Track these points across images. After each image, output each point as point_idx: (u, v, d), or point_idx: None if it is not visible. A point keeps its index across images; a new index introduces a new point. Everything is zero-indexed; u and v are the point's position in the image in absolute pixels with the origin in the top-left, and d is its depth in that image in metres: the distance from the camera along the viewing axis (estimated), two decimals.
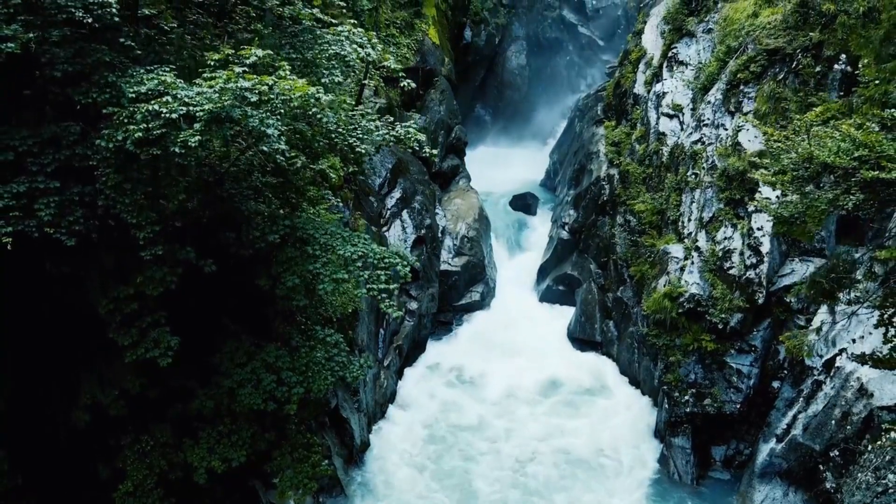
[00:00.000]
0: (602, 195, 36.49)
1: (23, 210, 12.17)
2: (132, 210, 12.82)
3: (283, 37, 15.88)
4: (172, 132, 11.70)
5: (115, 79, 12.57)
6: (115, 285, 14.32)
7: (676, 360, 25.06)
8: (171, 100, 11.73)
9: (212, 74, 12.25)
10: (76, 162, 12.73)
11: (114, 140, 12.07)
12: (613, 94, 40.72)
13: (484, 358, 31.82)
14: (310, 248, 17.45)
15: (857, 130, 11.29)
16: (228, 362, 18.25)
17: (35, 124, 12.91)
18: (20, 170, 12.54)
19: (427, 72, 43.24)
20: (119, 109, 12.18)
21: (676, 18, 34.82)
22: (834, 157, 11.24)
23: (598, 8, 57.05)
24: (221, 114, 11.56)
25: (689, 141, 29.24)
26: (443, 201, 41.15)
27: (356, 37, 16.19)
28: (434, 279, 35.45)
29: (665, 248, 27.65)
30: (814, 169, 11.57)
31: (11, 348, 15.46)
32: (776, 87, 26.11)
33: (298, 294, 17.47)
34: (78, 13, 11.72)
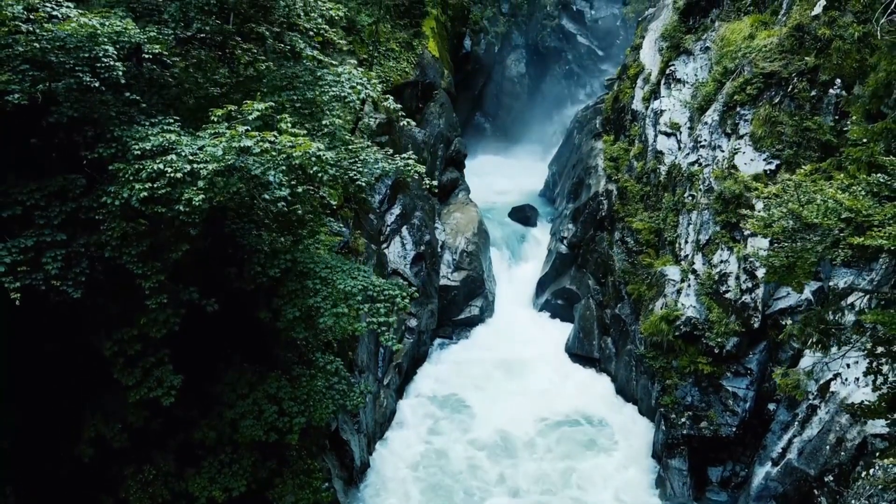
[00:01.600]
0: (600, 210, 36.75)
1: (30, 264, 12.44)
2: (137, 261, 13.10)
3: (283, 77, 16.12)
4: (177, 190, 11.96)
5: (120, 133, 12.83)
6: (119, 327, 14.57)
7: (673, 384, 25.33)
8: (175, 158, 11.99)
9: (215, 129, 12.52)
10: (82, 214, 13.00)
11: (119, 197, 12.33)
12: (612, 109, 40.95)
13: (481, 379, 31.83)
14: (310, 281, 17.72)
15: (843, 193, 11.55)
16: (230, 393, 18.54)
17: (42, 173, 13.16)
18: (27, 222, 12.80)
19: (426, 85, 43.44)
20: (125, 166, 12.44)
21: (674, 36, 35.04)
22: (822, 217, 11.51)
23: (596, 18, 57.32)
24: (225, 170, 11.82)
25: (686, 162, 29.50)
26: (442, 215, 41.37)
27: (355, 77, 16.42)
28: (433, 295, 35.70)
29: (662, 269, 27.91)
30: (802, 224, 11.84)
31: (17, 386, 15.72)
32: (772, 110, 26.33)
33: (299, 327, 17.73)
34: (86, 77, 11.98)
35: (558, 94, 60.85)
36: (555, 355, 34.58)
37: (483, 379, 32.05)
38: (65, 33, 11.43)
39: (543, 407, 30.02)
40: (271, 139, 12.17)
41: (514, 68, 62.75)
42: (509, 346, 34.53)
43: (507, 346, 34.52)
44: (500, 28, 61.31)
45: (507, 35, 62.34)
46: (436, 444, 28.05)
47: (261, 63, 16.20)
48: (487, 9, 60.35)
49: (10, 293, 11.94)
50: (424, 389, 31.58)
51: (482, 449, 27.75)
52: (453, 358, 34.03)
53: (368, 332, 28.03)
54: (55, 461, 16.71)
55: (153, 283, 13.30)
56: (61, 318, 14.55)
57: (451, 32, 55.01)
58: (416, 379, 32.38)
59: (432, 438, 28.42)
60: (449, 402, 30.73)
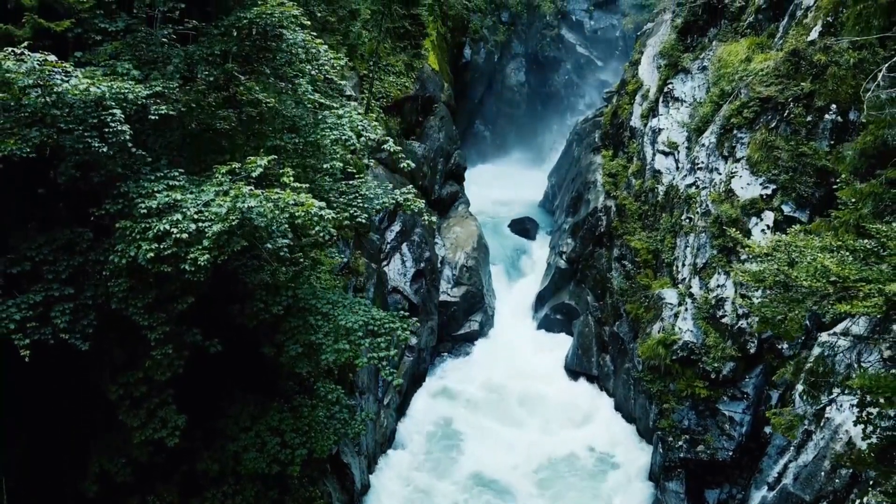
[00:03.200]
0: (599, 226, 37.01)
1: (39, 319, 12.71)
2: (143, 312, 13.37)
3: (286, 120, 16.37)
4: (183, 250, 12.22)
5: (126, 188, 13.09)
6: (125, 370, 14.83)
7: (671, 407, 25.60)
8: (181, 218, 12.26)
9: (220, 181, 12.79)
10: (89, 267, 13.27)
11: (126, 256, 12.60)
12: (611, 124, 41.18)
13: (480, 402, 31.90)
14: (312, 317, 17.99)
15: (832, 255, 11.81)
16: (233, 426, 18.84)
17: (49, 223, 13.42)
18: (36, 276, 13.06)
19: (426, 99, 43.71)
20: (131, 224, 12.70)
21: (672, 54, 35.28)
22: (811, 280, 11.76)
23: (595, 29, 57.53)
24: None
25: (684, 184, 29.74)
26: (442, 229, 41.62)
27: (356, 120, 16.67)
28: (433, 311, 35.96)
29: (660, 292, 28.16)
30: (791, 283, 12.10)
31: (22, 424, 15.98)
32: (768, 135, 26.56)
33: (301, 362, 18.00)
34: (94, 143, 12.23)
35: (558, 104, 61.11)
36: (554, 372, 34.85)
37: (481, 402, 32.14)
38: (74, 98, 11.68)
39: (541, 428, 30.25)
40: (275, 197, 12.43)
41: (514, 77, 63.02)
42: (508, 364, 34.76)
43: (507, 364, 34.74)
44: (500, 37, 61.57)
45: (507, 44, 62.61)
46: (423, 483, 27.91)
47: (263, 105, 16.42)
48: (487, 18, 60.63)
49: (21, 350, 12.22)
50: (423, 414, 31.61)
51: (480, 483, 27.79)
52: (453, 377, 34.26)
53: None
54: (60, 498, 16.96)
55: (159, 334, 13.59)
56: (67, 360, 14.80)
57: (451, 43, 55.30)
58: (415, 398, 32.63)
59: (425, 472, 28.42)
60: (447, 433, 30.51)
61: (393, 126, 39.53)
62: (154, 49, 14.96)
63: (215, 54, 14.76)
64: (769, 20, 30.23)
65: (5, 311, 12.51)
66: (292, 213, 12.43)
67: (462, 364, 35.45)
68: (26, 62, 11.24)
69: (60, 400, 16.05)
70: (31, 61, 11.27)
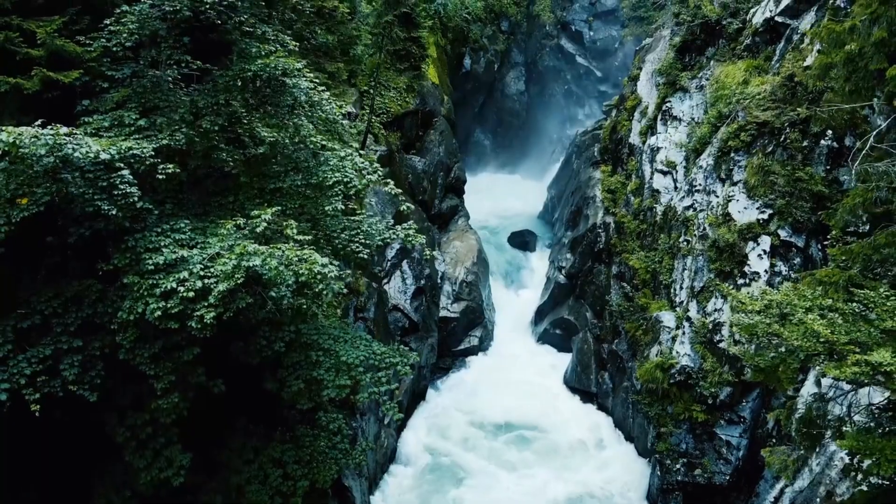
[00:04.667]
0: (598, 243, 37.30)
1: (48, 372, 13.00)
2: (150, 362, 13.67)
3: (288, 163, 16.66)
4: (189, 307, 12.52)
5: (133, 242, 13.38)
6: (131, 412, 15.12)
7: (668, 431, 25.89)
8: (187, 276, 12.54)
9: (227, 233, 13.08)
10: (97, 319, 13.56)
11: (134, 312, 12.88)
12: (610, 139, 41.47)
13: (477, 429, 31.78)
14: (313, 353, 18.25)
15: (822, 319, 12.10)
16: (236, 458, 19.12)
17: (57, 273, 13.72)
18: (45, 329, 13.36)
19: (426, 113, 43.95)
20: (139, 280, 12.99)
21: (670, 73, 35.56)
22: (801, 339, 12.05)
23: (595, 40, 57.79)
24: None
25: (682, 206, 30.02)
26: (442, 244, 41.88)
27: (358, 162, 16.96)
28: (433, 328, 36.22)
29: (658, 315, 28.45)
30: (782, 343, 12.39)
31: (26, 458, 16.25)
32: (765, 159, 26.83)
33: (303, 398, 18.27)
34: (104, 206, 12.50)
35: (557, 113, 61.41)
36: (553, 389, 35.10)
37: (478, 428, 32.03)
38: (84, 162, 11.96)
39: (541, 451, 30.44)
40: (279, 254, 12.71)
41: (514, 86, 63.29)
42: (508, 381, 34.93)
43: (506, 381, 34.91)
44: (500, 46, 61.82)
45: (507, 53, 62.88)
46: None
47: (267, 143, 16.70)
48: (487, 27, 60.88)
49: (31, 405, 12.53)
50: (423, 432, 31.82)
51: None
52: (452, 396, 34.38)
53: None
54: None
55: (165, 383, 13.89)
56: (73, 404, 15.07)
57: (451, 54, 55.62)
58: (416, 415, 32.89)
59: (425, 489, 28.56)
60: (442, 466, 30.11)
61: (393, 141, 39.78)
62: (160, 96, 15.23)
63: (220, 104, 15.03)
64: (766, 43, 30.49)
65: (16, 367, 12.81)
66: (296, 271, 12.71)
67: (462, 381, 35.65)
68: (40, 140, 11.49)
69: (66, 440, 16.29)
70: (44, 138, 11.53)
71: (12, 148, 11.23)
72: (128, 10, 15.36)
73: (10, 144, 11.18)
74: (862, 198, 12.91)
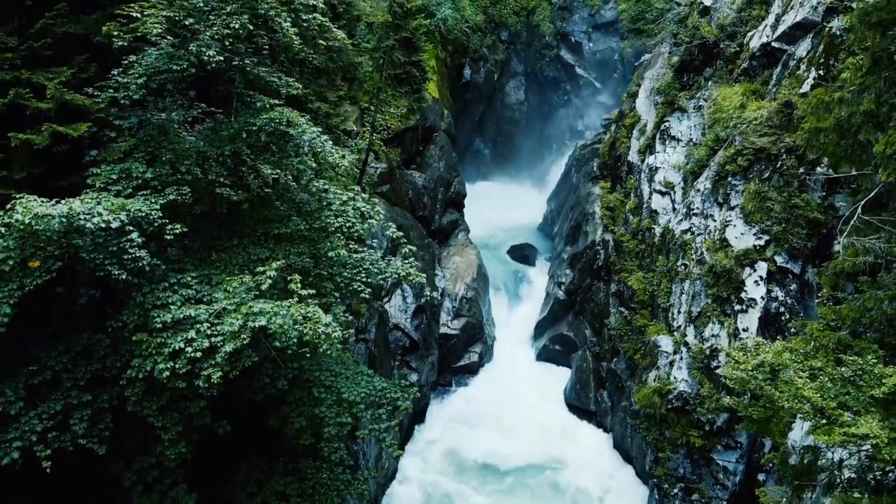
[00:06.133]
0: (597, 260, 37.60)
1: (59, 427, 13.33)
2: (157, 414, 14.00)
3: (291, 206, 16.97)
4: (197, 366, 12.84)
5: (142, 298, 13.69)
6: (138, 456, 15.44)
7: (666, 456, 26.23)
8: (195, 335, 12.86)
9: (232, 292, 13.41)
10: (106, 372, 13.89)
11: (143, 370, 13.21)
12: (609, 155, 41.76)
13: (475, 452, 31.96)
14: (315, 390, 18.54)
15: (815, 378, 12.41)
16: (240, 492, 19.42)
17: (67, 325, 14.03)
18: (55, 383, 13.68)
19: (426, 129, 44.21)
20: (148, 338, 13.31)
21: (669, 92, 35.84)
22: (792, 402, 12.36)
23: (594, 51, 58.01)
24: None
25: (680, 229, 30.32)
26: (442, 259, 42.16)
27: (360, 207, 17.28)
28: (433, 346, 36.51)
29: (656, 339, 28.76)
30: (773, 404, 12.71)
31: None
32: (761, 185, 27.14)
33: (305, 434, 18.58)
34: (114, 269, 12.82)
35: (557, 123, 61.65)
36: (552, 407, 35.40)
37: (477, 463, 31.99)
38: (94, 227, 12.25)
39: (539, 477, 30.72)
40: (284, 312, 13.01)
41: (514, 95, 63.56)
42: (507, 399, 35.18)
43: (506, 399, 35.17)
44: (500, 56, 62.06)
45: (507, 62, 63.14)
46: None
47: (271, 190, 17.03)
48: (487, 37, 61.13)
49: (42, 461, 12.85)
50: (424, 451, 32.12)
51: None
52: (451, 415, 34.64)
53: None
54: None
55: (172, 434, 14.20)
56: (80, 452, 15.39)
57: (451, 65, 55.87)
58: (416, 433, 33.22)
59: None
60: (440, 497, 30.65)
61: (393, 157, 40.09)
62: (167, 146, 15.53)
63: (225, 155, 15.34)
64: (763, 67, 30.76)
65: (28, 424, 13.14)
66: (301, 330, 13.02)
67: (462, 401, 35.92)
68: (55, 219, 11.80)
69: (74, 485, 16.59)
70: (59, 219, 11.83)
71: (28, 228, 11.54)
72: (135, 60, 15.65)
73: (26, 225, 11.50)
74: (849, 269, 13.22)
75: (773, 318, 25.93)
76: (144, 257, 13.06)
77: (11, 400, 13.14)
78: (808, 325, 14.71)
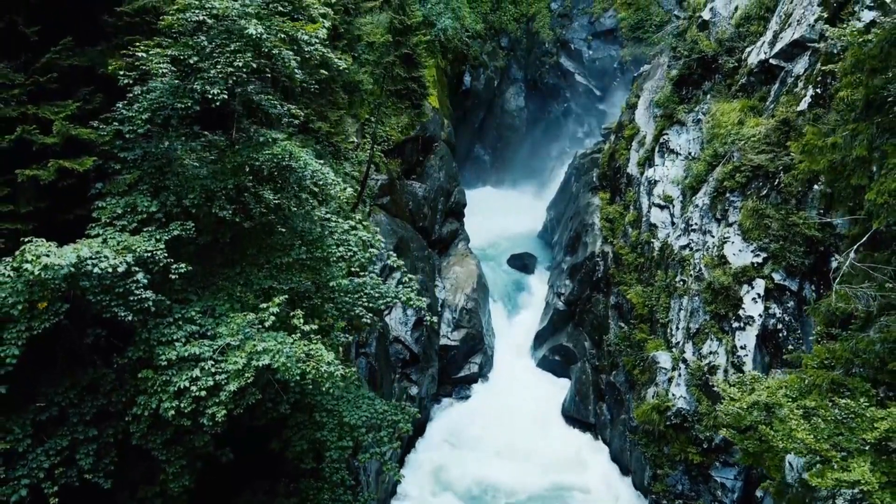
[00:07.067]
0: (596, 271, 37.83)
1: (65, 463, 13.55)
2: (162, 447, 14.22)
3: (294, 236, 17.18)
4: (201, 404, 13.06)
5: (147, 334, 13.92)
6: (143, 485, 15.66)
7: (664, 473, 26.45)
8: (199, 374, 13.08)
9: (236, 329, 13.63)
10: (111, 407, 14.11)
11: (148, 408, 13.43)
12: (608, 166, 41.97)
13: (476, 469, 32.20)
14: (317, 414, 18.78)
15: (806, 423, 12.63)
16: None
17: (74, 359, 14.25)
18: (61, 418, 13.90)
19: (427, 139, 44.46)
20: (153, 376, 13.53)
21: (668, 105, 35.99)
22: (786, 442, 12.58)
23: (594, 59, 58.19)
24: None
25: (678, 244, 30.53)
26: (442, 269, 42.37)
27: (362, 236, 17.51)
28: (434, 358, 36.73)
29: (654, 355, 28.97)
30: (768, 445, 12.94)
31: None
32: (759, 203, 27.32)
33: (307, 458, 18.81)
34: (120, 311, 13.05)
35: (557, 130, 61.87)
36: (552, 419, 35.62)
37: (475, 475, 32.16)
38: (101, 271, 12.46)
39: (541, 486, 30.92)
40: (287, 350, 13.24)
41: (514, 101, 63.83)
42: (507, 412, 35.34)
43: (505, 412, 35.34)
44: (500, 62, 62.35)
45: (507, 69, 63.42)
46: None
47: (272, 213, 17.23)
48: (487, 43, 61.40)
49: (50, 498, 13.07)
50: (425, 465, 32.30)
51: None
52: (452, 429, 34.83)
53: None
54: None
55: (177, 468, 14.43)
56: None
57: (451, 73, 56.11)
58: (416, 447, 33.41)
59: None
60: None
61: (394, 168, 40.32)
62: (171, 178, 15.74)
63: (229, 188, 15.55)
64: (761, 83, 30.93)
65: (35, 460, 13.37)
66: (303, 369, 13.25)
67: (461, 415, 36.06)
68: (63, 269, 12.00)
69: None
70: (67, 263, 12.03)
71: (37, 278, 11.77)
72: (140, 93, 15.86)
73: (35, 276, 11.72)
74: (841, 312, 13.44)
75: (770, 334, 26.12)
76: (150, 297, 13.28)
77: (19, 437, 13.36)
78: (804, 359, 14.93)
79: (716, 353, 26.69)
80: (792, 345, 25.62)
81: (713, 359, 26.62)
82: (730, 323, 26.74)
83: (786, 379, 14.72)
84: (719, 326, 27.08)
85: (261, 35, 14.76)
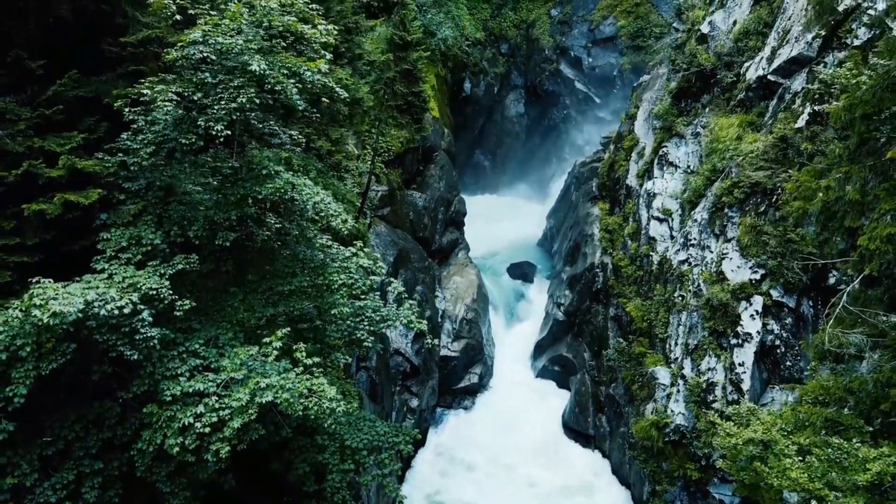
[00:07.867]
0: (596, 283, 38.02)
1: (71, 497, 13.76)
2: (166, 480, 14.43)
3: (296, 262, 17.39)
4: (206, 441, 13.27)
5: (151, 369, 14.12)
6: None
7: (663, 489, 26.66)
8: (203, 409, 13.28)
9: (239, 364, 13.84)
10: (116, 440, 14.32)
11: (153, 443, 13.64)
12: (608, 177, 42.17)
13: (478, 473, 32.63)
14: (319, 437, 18.98)
15: (801, 462, 12.84)
16: None
17: (79, 390, 14.46)
18: (67, 451, 14.12)
19: (427, 149, 44.69)
20: (158, 411, 13.74)
21: (667, 118, 36.15)
22: (781, 479, 12.80)
23: (594, 66, 58.35)
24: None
25: (677, 259, 30.72)
26: (442, 279, 42.55)
27: (363, 263, 17.73)
28: (434, 369, 36.94)
29: (653, 371, 29.16)
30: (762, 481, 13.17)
31: None
32: (757, 219, 27.50)
33: (309, 481, 19.02)
34: (126, 350, 13.26)
35: (557, 136, 62.03)
36: (552, 431, 35.82)
37: (479, 472, 32.79)
38: (108, 312, 12.67)
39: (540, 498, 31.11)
40: (290, 386, 13.44)
41: (514, 108, 64.05)
42: (506, 424, 35.59)
43: (505, 424, 35.58)
44: (500, 69, 62.57)
45: (507, 75, 63.65)
46: None
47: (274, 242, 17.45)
48: (487, 49, 61.62)
49: None
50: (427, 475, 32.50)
51: None
52: (452, 441, 35.04)
53: None
54: None
55: (181, 500, 14.64)
56: None
57: (451, 81, 56.30)
58: (417, 459, 33.59)
59: None
60: None
61: (394, 179, 40.50)
62: (175, 208, 15.94)
63: (232, 219, 15.76)
64: (759, 98, 31.11)
65: (42, 495, 13.59)
66: (306, 405, 13.46)
67: (461, 426, 36.31)
68: (71, 316, 12.22)
69: None
70: (75, 310, 12.25)
71: (45, 324, 11.99)
72: (143, 124, 16.04)
73: (44, 322, 11.94)
74: (834, 352, 13.64)
75: (768, 351, 26.32)
76: (155, 336, 13.48)
77: (27, 472, 13.58)
78: (799, 391, 15.12)
79: (714, 369, 26.89)
80: (790, 361, 25.83)
81: (711, 375, 26.82)
82: (728, 339, 26.93)
83: (781, 412, 14.90)
84: (718, 343, 27.27)
85: (264, 71, 14.95)
